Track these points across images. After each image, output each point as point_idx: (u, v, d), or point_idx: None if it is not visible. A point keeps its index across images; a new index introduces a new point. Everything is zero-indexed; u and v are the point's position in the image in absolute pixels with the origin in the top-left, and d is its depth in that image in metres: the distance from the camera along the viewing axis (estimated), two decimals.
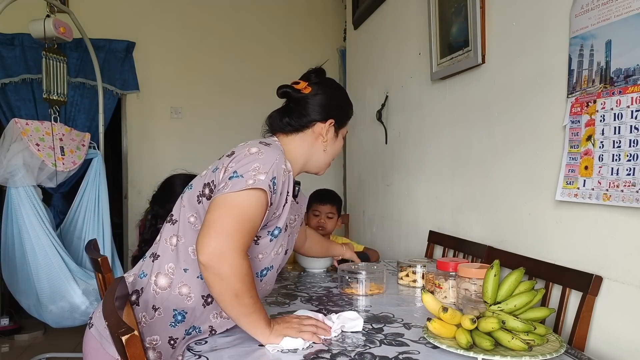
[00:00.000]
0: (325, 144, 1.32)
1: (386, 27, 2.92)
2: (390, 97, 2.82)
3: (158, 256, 1.22)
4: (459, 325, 1.12)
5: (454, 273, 1.51)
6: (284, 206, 1.20)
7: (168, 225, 1.25)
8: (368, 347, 1.14)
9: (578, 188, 1.37)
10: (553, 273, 1.46)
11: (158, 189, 1.96)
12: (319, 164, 1.35)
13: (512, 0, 1.71)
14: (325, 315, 1.30)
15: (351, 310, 1.38)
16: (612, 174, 1.26)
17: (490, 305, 1.19)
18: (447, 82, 2.17)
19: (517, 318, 1.12)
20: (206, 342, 1.20)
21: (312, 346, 1.15)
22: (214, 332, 1.23)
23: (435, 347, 1.13)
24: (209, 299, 1.20)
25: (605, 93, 1.29)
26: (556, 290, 1.45)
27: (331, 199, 2.36)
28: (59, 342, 3.45)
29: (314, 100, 1.29)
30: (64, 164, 3.07)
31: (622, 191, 1.23)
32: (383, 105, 2.87)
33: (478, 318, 1.10)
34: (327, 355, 1.09)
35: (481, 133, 1.90)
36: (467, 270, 1.43)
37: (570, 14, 1.41)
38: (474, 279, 1.40)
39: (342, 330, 1.24)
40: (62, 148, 3.09)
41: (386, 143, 2.88)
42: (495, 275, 1.20)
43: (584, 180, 1.35)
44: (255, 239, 1.19)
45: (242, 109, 4.15)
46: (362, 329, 1.26)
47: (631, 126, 1.21)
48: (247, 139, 1.29)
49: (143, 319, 1.18)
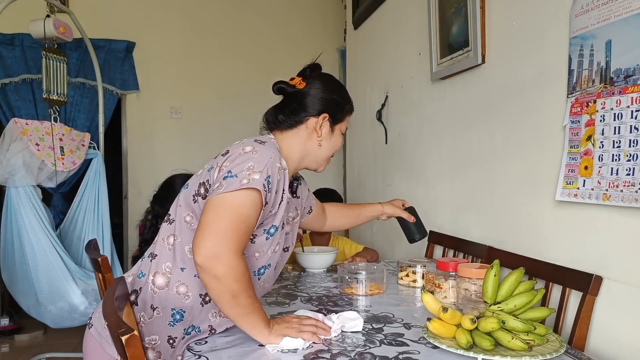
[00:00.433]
0: (319, 139, 1.30)
1: (386, 27, 2.92)
2: (390, 97, 2.82)
3: (155, 255, 1.23)
4: (459, 325, 1.11)
5: (454, 273, 1.51)
6: (279, 204, 1.19)
7: (165, 224, 1.25)
8: (368, 347, 1.14)
9: (578, 188, 1.37)
10: (553, 273, 1.46)
11: (159, 189, 1.96)
12: (316, 160, 1.33)
13: (512, 0, 1.71)
14: (325, 315, 1.30)
15: (351, 310, 1.38)
16: (611, 174, 1.26)
17: (490, 305, 1.19)
18: (447, 82, 2.17)
19: (517, 318, 1.12)
20: (206, 342, 1.20)
21: (312, 346, 1.15)
22: (213, 331, 1.23)
23: (435, 347, 1.13)
24: (207, 298, 1.20)
25: (605, 93, 1.29)
26: (556, 290, 1.45)
27: (330, 197, 2.37)
28: (59, 342, 3.45)
29: (307, 95, 1.29)
30: (63, 164, 3.07)
31: (621, 191, 1.23)
32: (383, 105, 2.87)
33: (478, 318, 1.10)
34: (327, 355, 1.09)
35: (481, 133, 1.90)
36: (467, 270, 1.43)
37: (570, 14, 1.41)
38: (474, 279, 1.40)
39: (342, 331, 1.24)
40: (61, 148, 3.09)
41: (386, 143, 2.88)
42: (495, 275, 1.20)
43: (584, 180, 1.35)
44: (252, 237, 1.19)
45: (242, 109, 4.15)
46: (362, 329, 1.26)
47: (631, 126, 1.21)
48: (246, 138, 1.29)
49: (142, 319, 1.18)
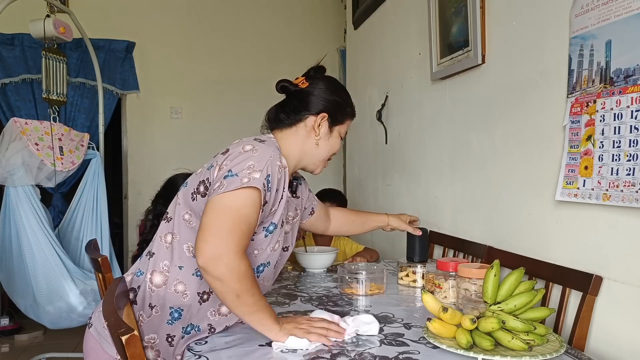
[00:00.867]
0: (317, 138, 1.31)
1: (386, 27, 2.92)
2: (390, 97, 2.82)
3: (153, 254, 1.23)
4: (459, 325, 1.11)
5: (454, 273, 1.51)
6: (279, 202, 1.20)
7: (163, 223, 1.26)
8: (368, 347, 1.14)
9: (578, 188, 1.37)
10: (553, 273, 1.46)
11: (161, 188, 1.97)
12: (313, 160, 1.34)
13: (512, 0, 1.71)
14: (342, 317, 1.26)
15: (357, 311, 1.38)
16: (612, 174, 1.26)
17: (490, 305, 1.19)
18: (447, 82, 2.17)
19: (517, 318, 1.12)
20: (206, 342, 1.20)
21: (320, 347, 1.13)
22: (213, 330, 1.23)
23: (435, 347, 1.13)
24: (205, 296, 1.20)
25: (605, 93, 1.29)
26: (556, 290, 1.45)
27: (332, 197, 2.39)
28: (59, 342, 3.45)
29: (309, 94, 1.31)
30: (62, 163, 3.07)
31: (622, 191, 1.23)
32: (383, 105, 2.87)
33: (478, 318, 1.10)
34: (327, 356, 1.09)
35: (481, 133, 1.90)
36: (467, 270, 1.43)
37: (570, 14, 1.41)
38: (474, 279, 1.40)
39: (356, 334, 1.21)
40: (61, 148, 3.09)
41: (386, 143, 2.88)
42: (495, 275, 1.20)
43: (584, 180, 1.35)
44: None
45: (242, 109, 4.15)
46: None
47: (631, 126, 1.21)
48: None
49: (141, 318, 1.18)
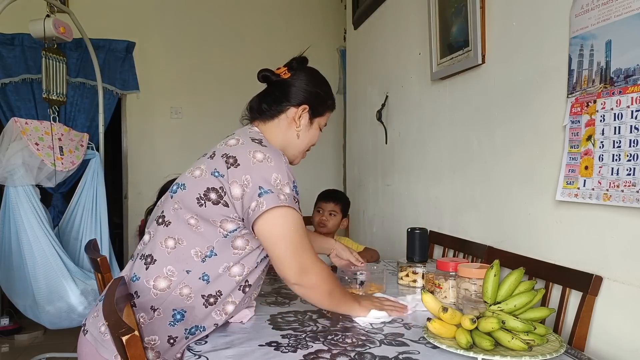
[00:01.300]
0: (298, 129, 1.33)
1: (386, 27, 2.92)
2: (390, 97, 2.82)
3: (155, 260, 1.20)
4: (459, 325, 1.12)
5: (454, 273, 1.51)
6: None
7: (161, 227, 1.23)
8: (368, 347, 1.14)
9: (578, 188, 1.37)
10: (553, 273, 1.46)
11: (157, 197, 1.97)
12: (294, 152, 1.36)
13: (512, 0, 1.71)
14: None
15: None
16: (612, 174, 1.26)
17: (490, 305, 1.19)
18: (447, 82, 2.17)
19: (517, 318, 1.12)
20: (206, 342, 1.20)
21: (393, 321, 1.34)
22: (216, 324, 1.24)
23: (435, 347, 1.13)
24: (211, 299, 1.20)
25: (605, 93, 1.29)
26: (556, 290, 1.45)
27: (334, 197, 2.40)
28: (59, 342, 3.45)
29: (290, 85, 1.33)
30: (62, 163, 3.07)
31: (622, 191, 1.23)
32: (383, 105, 2.87)
33: (478, 318, 1.10)
34: (327, 355, 1.09)
35: (481, 133, 1.90)
36: (467, 270, 1.43)
37: (570, 14, 1.41)
38: (474, 279, 1.40)
39: (416, 310, 1.42)
40: (61, 148, 3.09)
41: (386, 143, 2.88)
42: (495, 275, 1.20)
43: (584, 180, 1.35)
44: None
45: (242, 109, 4.14)
46: (365, 328, 1.28)
47: (631, 126, 1.21)
48: None
49: (141, 320, 1.17)
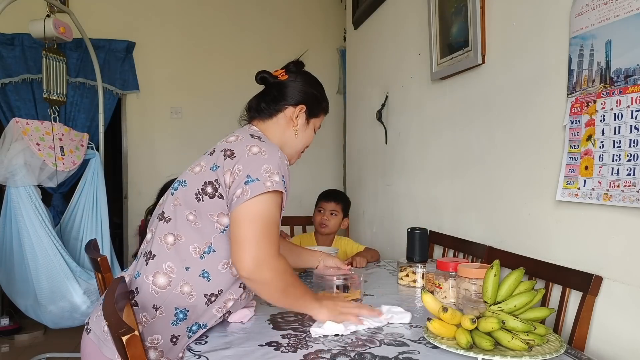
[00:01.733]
0: (295, 129, 1.37)
1: (386, 27, 2.92)
2: (390, 97, 2.82)
3: (154, 256, 1.22)
4: (459, 325, 1.12)
5: (454, 273, 1.51)
6: (286, 199, 1.25)
7: (161, 223, 1.24)
8: (368, 347, 1.14)
9: (578, 188, 1.37)
10: (553, 273, 1.46)
11: (158, 196, 1.97)
12: (291, 151, 1.39)
13: (512, 0, 1.71)
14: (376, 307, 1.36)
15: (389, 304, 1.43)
16: (612, 174, 1.26)
17: (490, 305, 1.19)
18: (447, 82, 2.17)
19: (517, 318, 1.12)
20: (206, 342, 1.20)
21: (355, 332, 1.22)
22: (217, 321, 1.25)
23: (435, 347, 1.13)
24: (213, 298, 1.21)
25: (605, 93, 1.29)
26: (556, 290, 1.45)
27: (335, 197, 2.41)
28: (59, 342, 3.45)
29: (287, 86, 1.37)
30: (64, 163, 3.07)
31: (622, 191, 1.23)
32: (383, 105, 2.87)
33: (478, 318, 1.10)
34: (327, 356, 1.09)
35: (481, 133, 1.90)
36: (467, 270, 1.43)
37: (570, 14, 1.41)
38: (474, 279, 1.40)
39: (388, 323, 1.30)
40: (61, 148, 3.09)
41: (386, 143, 2.88)
42: (495, 275, 1.20)
43: (585, 180, 1.35)
44: None
45: (242, 109, 4.14)
46: (362, 330, 1.26)
47: (631, 126, 1.21)
48: None
49: (144, 319, 1.18)
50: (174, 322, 1.18)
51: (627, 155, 1.22)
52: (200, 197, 1.20)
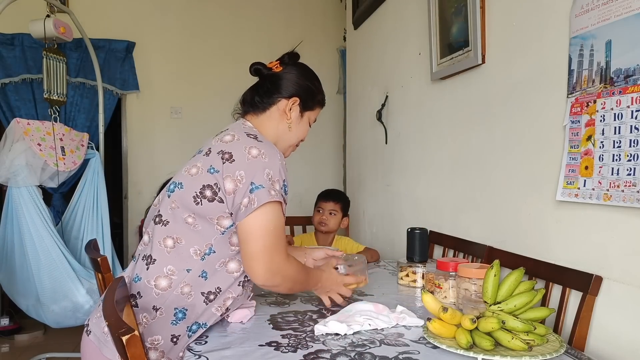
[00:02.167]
0: (289, 122, 1.35)
1: (386, 27, 2.92)
2: (390, 97, 2.82)
3: (154, 260, 1.21)
4: (459, 325, 1.12)
5: (454, 273, 1.51)
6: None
7: (158, 226, 1.23)
8: (368, 347, 1.14)
9: (578, 188, 1.37)
10: (553, 273, 1.46)
11: (158, 194, 1.97)
12: (284, 145, 1.37)
13: (512, 0, 1.71)
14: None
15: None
16: (612, 174, 1.26)
17: (490, 305, 1.19)
18: (447, 82, 2.17)
19: (517, 318, 1.12)
20: (206, 342, 1.20)
21: (357, 333, 1.23)
22: (216, 320, 1.25)
23: (435, 347, 1.13)
24: (211, 296, 1.21)
25: (605, 93, 1.29)
26: (556, 290, 1.45)
27: (334, 196, 2.41)
28: (59, 342, 3.45)
29: (282, 78, 1.35)
30: (65, 164, 3.07)
31: (622, 191, 1.23)
32: (383, 105, 2.87)
33: (478, 318, 1.11)
34: (327, 356, 1.09)
35: (481, 133, 1.90)
36: (467, 270, 1.43)
37: (570, 14, 1.41)
38: (474, 279, 1.40)
39: (397, 323, 1.30)
40: (62, 148, 3.09)
41: (386, 143, 2.88)
42: (495, 275, 1.20)
43: (585, 180, 1.35)
44: None
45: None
46: (363, 330, 1.26)
47: (631, 126, 1.21)
48: None
49: (144, 320, 1.17)
50: (174, 321, 1.18)
51: (627, 155, 1.22)
52: (198, 200, 1.19)
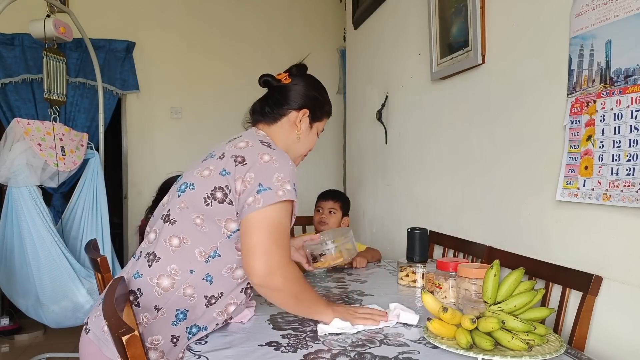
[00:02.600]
0: (299, 133, 1.36)
1: (386, 27, 2.92)
2: (390, 97, 2.82)
3: (159, 258, 1.21)
4: (459, 325, 1.12)
5: (454, 273, 1.51)
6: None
7: (166, 225, 1.24)
8: (368, 347, 1.14)
9: (578, 188, 1.37)
10: (553, 273, 1.46)
11: (157, 193, 1.97)
12: (294, 155, 1.38)
13: (512, 0, 1.71)
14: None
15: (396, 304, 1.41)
16: (612, 174, 1.26)
17: (490, 305, 1.19)
18: (447, 82, 2.17)
19: (517, 318, 1.12)
20: (206, 342, 1.20)
21: (363, 332, 1.23)
22: (217, 324, 1.25)
23: (435, 347, 1.13)
24: (213, 300, 1.21)
25: (605, 93, 1.29)
26: (556, 290, 1.45)
27: (333, 195, 2.42)
28: (59, 342, 3.45)
29: (291, 89, 1.37)
30: (65, 163, 3.07)
31: (622, 191, 1.23)
32: (383, 105, 2.87)
33: (478, 318, 1.11)
34: (327, 355, 1.09)
35: (481, 133, 1.90)
36: (467, 270, 1.43)
37: (570, 14, 1.41)
38: (474, 279, 1.40)
39: (396, 322, 1.30)
40: (62, 148, 3.09)
41: (386, 143, 2.88)
42: (495, 275, 1.20)
43: (584, 180, 1.35)
44: None
45: (242, 109, 4.12)
46: (364, 329, 1.26)
47: (631, 126, 1.21)
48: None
49: (145, 320, 1.17)
50: (174, 322, 1.18)
51: (627, 155, 1.22)
52: (209, 201, 1.19)
